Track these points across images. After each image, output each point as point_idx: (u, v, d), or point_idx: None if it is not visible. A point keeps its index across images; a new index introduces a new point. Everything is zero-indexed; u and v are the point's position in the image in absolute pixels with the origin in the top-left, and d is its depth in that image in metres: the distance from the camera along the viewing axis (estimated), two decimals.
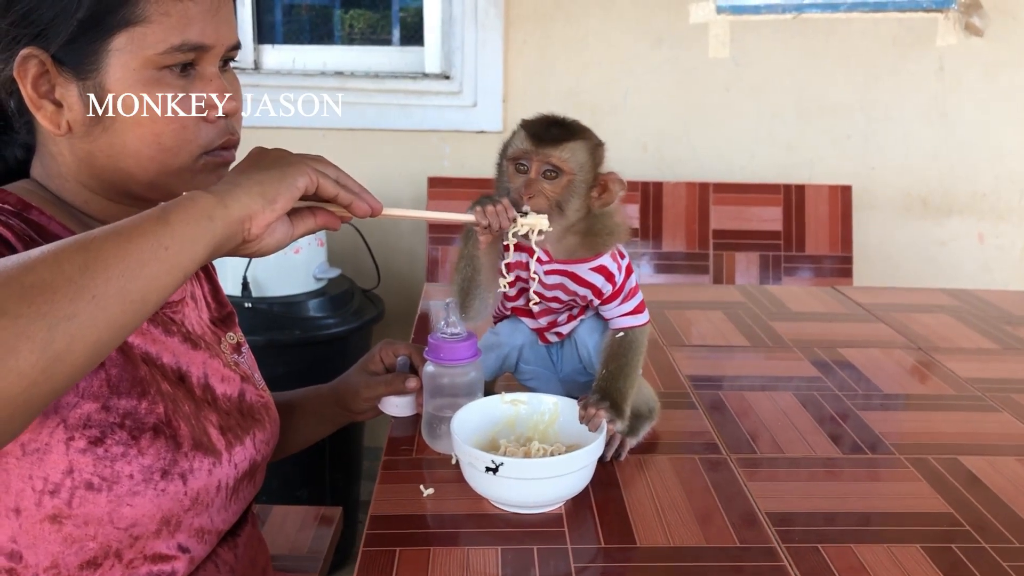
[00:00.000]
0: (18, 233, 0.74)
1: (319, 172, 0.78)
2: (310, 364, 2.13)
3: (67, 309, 0.58)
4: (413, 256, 2.51)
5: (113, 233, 0.64)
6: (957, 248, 2.54)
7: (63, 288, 0.59)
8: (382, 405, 1.11)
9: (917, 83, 2.44)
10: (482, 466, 0.87)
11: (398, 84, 2.43)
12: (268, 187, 0.73)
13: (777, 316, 1.61)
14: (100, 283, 0.60)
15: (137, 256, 0.63)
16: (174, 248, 0.66)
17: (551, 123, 1.00)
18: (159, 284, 0.65)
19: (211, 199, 0.70)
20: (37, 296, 0.57)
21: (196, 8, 0.79)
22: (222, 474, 0.86)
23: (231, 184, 0.72)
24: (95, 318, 0.60)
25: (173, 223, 0.66)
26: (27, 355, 0.56)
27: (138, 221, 0.66)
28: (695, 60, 2.42)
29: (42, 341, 0.57)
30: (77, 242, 0.62)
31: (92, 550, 0.77)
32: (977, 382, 1.31)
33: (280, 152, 0.78)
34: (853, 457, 1.07)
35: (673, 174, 2.46)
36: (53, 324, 0.57)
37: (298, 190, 0.75)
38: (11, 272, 0.58)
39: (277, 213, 0.74)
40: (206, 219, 0.69)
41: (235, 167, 0.77)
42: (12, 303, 0.56)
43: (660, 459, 1.05)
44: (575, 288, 1.02)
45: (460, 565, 0.83)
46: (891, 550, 0.87)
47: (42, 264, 0.59)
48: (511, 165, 1.00)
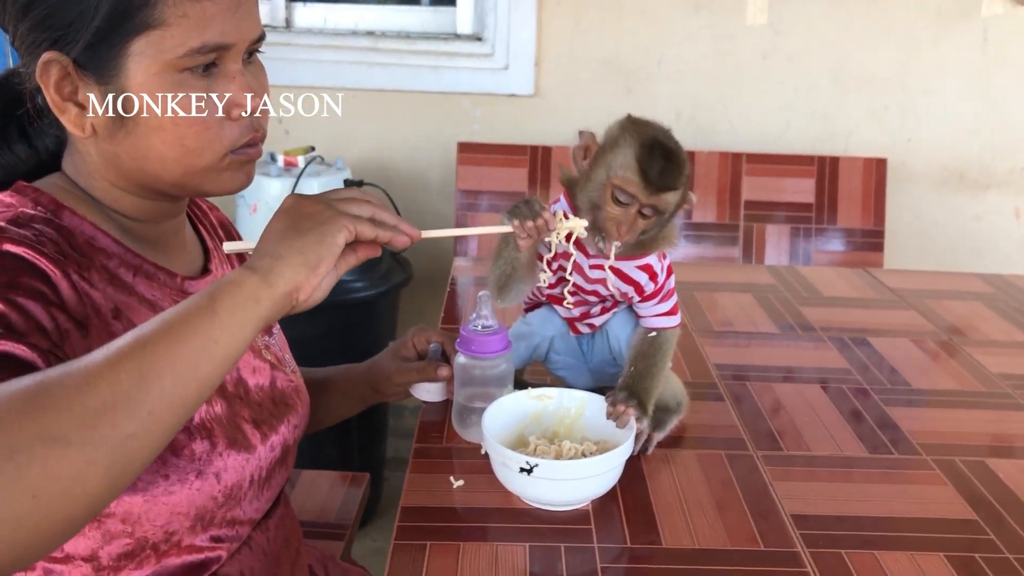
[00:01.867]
0: (52, 256, 0.73)
1: (355, 219, 0.76)
2: (340, 328, 2.16)
3: (128, 429, 0.59)
4: (441, 218, 2.51)
5: (164, 334, 0.63)
6: (992, 224, 2.51)
7: (123, 407, 0.59)
8: (413, 390, 1.13)
9: (960, 54, 2.38)
10: (516, 467, 0.89)
11: (429, 45, 2.41)
12: (310, 255, 0.72)
13: (807, 301, 1.61)
14: (155, 398, 0.61)
15: (189, 358, 0.63)
16: (224, 340, 0.66)
17: (663, 156, 0.96)
18: (211, 382, 0.66)
19: (255, 280, 0.69)
20: (99, 420, 0.58)
21: (215, 8, 0.77)
22: (255, 466, 0.88)
23: (273, 258, 0.71)
24: (152, 432, 0.61)
25: (221, 314, 0.66)
26: (93, 480, 0.58)
27: (187, 315, 0.65)
28: (732, 27, 2.38)
29: (106, 465, 0.58)
30: (132, 349, 0.62)
31: (129, 544, 0.79)
32: (1007, 378, 1.30)
33: (314, 205, 0.76)
34: (879, 457, 1.07)
35: (707, 142, 2.43)
36: (116, 447, 0.59)
37: (339, 248, 0.74)
38: (71, 395, 0.58)
39: (321, 277, 0.73)
40: (253, 303, 0.68)
41: (271, 228, 0.75)
42: (78, 432, 0.57)
43: (686, 454, 1.06)
44: (618, 284, 1.03)
45: (489, 560, 0.86)
46: (914, 558, 0.88)
47: (102, 381, 0.59)
48: (612, 190, 0.97)
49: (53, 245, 0.75)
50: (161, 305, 0.83)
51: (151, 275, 0.84)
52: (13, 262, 0.70)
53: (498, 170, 2.31)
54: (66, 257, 0.75)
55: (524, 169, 2.31)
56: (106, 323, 0.77)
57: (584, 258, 1.03)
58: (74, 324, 0.73)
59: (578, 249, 1.00)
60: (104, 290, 0.78)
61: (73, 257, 0.76)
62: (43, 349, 0.67)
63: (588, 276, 1.04)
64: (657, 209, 0.97)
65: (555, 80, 2.42)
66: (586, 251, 1.02)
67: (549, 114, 2.43)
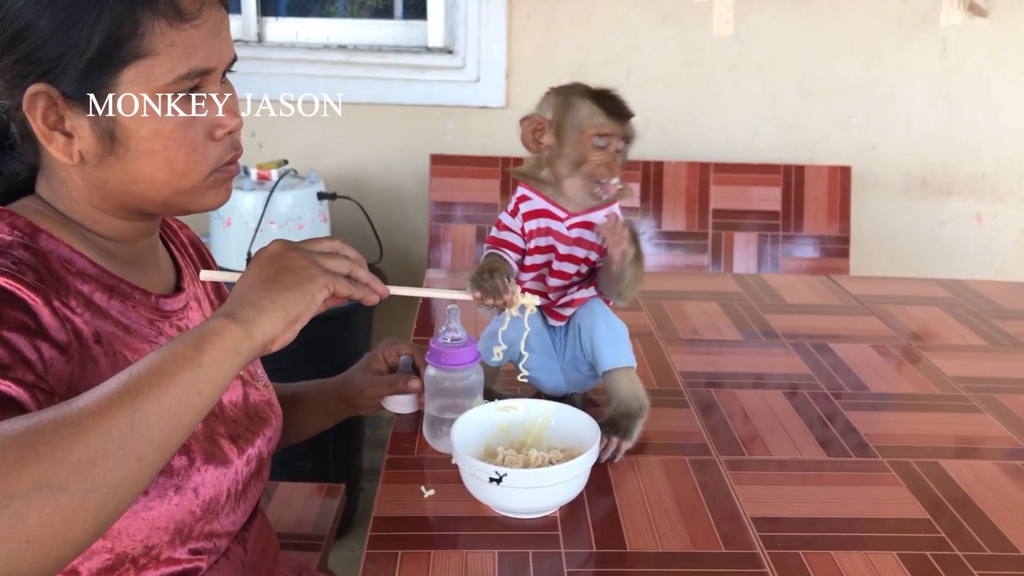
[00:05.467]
0: (32, 284, 0.75)
1: (334, 278, 0.81)
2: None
3: (116, 476, 0.62)
4: (415, 231, 2.54)
5: (154, 385, 0.66)
6: (956, 228, 2.56)
7: (113, 456, 0.62)
8: (385, 402, 1.16)
9: (921, 63, 2.44)
10: (486, 477, 0.91)
11: (401, 59, 2.44)
12: (291, 310, 0.76)
13: (772, 308, 1.65)
14: (144, 444, 0.64)
15: (175, 408, 0.67)
16: (206, 390, 0.69)
17: (612, 96, 1.11)
18: (190, 428, 0.69)
19: (239, 332, 0.72)
20: (90, 470, 0.61)
21: (199, 34, 0.80)
22: (232, 479, 0.90)
23: (257, 310, 0.74)
24: (138, 476, 0.64)
25: (205, 364, 0.69)
26: (82, 524, 0.61)
27: (173, 365, 0.68)
28: (699, 38, 2.42)
29: (95, 510, 0.61)
30: (122, 398, 0.64)
31: (109, 559, 0.81)
32: (963, 381, 1.34)
33: (299, 259, 0.80)
34: (838, 460, 1.11)
35: (676, 152, 2.48)
36: (105, 494, 0.62)
37: (317, 306, 0.79)
38: (66, 444, 0.60)
39: (296, 332, 0.77)
40: (234, 354, 0.72)
41: (255, 276, 0.78)
42: (70, 480, 0.60)
43: (652, 460, 1.09)
44: (591, 238, 1.13)
45: (459, 568, 0.88)
46: (868, 557, 0.91)
47: (93, 432, 0.61)
48: (589, 140, 1.09)
49: (32, 272, 0.76)
50: (136, 329, 0.85)
51: (126, 294, 0.86)
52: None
53: (471, 181, 2.34)
54: (45, 283, 0.77)
55: (496, 180, 2.34)
56: (87, 348, 0.78)
57: (560, 223, 1.13)
58: (57, 350, 0.74)
59: (556, 207, 1.13)
60: (83, 315, 0.80)
61: (51, 283, 0.78)
62: (28, 383, 0.70)
63: (567, 237, 1.13)
64: (628, 138, 1.11)
65: (526, 91, 2.45)
66: (563, 211, 1.13)
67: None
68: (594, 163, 1.09)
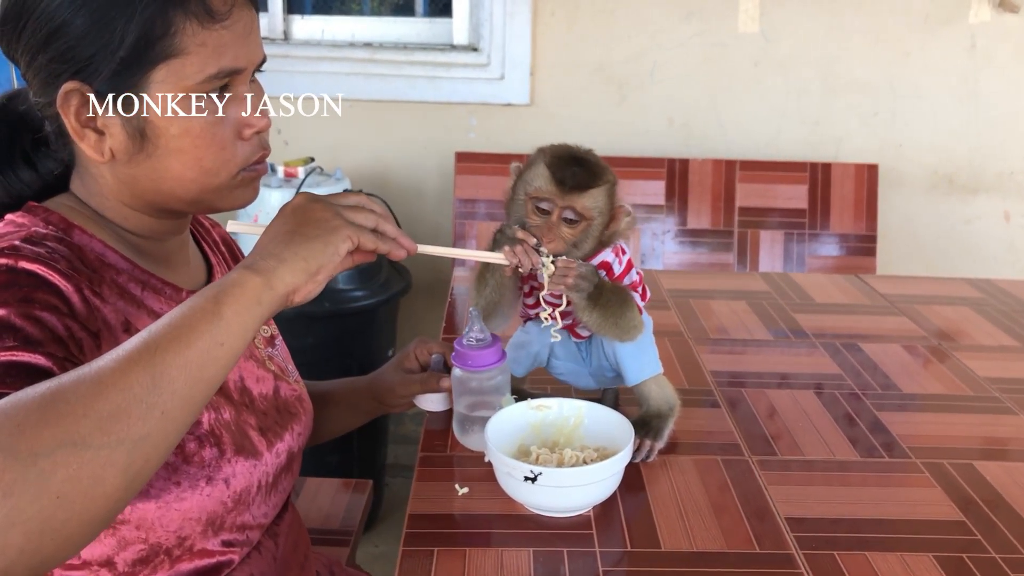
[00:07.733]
0: (65, 272, 0.76)
1: (359, 230, 0.80)
2: (339, 336, 2.19)
3: (141, 430, 0.62)
4: (439, 228, 2.54)
5: (174, 339, 0.66)
6: (982, 227, 2.54)
7: (135, 410, 0.62)
8: (417, 400, 1.16)
9: (948, 60, 2.42)
10: (521, 476, 0.92)
11: (426, 56, 2.44)
12: (312, 261, 0.75)
13: (800, 308, 1.64)
14: (167, 398, 0.64)
15: (197, 362, 0.66)
16: (228, 343, 0.69)
17: (573, 163, 1.03)
18: (216, 381, 0.69)
19: (259, 282, 0.72)
20: (114, 424, 0.61)
21: (230, 34, 0.81)
22: (262, 472, 0.91)
23: (277, 260, 0.74)
24: (166, 431, 0.64)
25: (226, 316, 0.69)
26: (112, 480, 0.61)
27: (193, 319, 0.68)
28: (724, 34, 2.41)
29: (123, 465, 0.61)
30: (142, 354, 0.64)
31: (144, 550, 0.82)
32: (995, 382, 1.34)
33: (323, 211, 0.79)
34: (870, 461, 1.11)
35: (699, 148, 2.47)
36: (131, 448, 0.62)
37: (340, 257, 0.78)
38: (87, 400, 0.61)
39: (319, 284, 0.76)
40: (255, 305, 0.71)
41: (277, 227, 0.78)
42: (94, 435, 0.60)
43: (684, 459, 1.10)
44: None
45: (495, 566, 0.89)
46: (904, 558, 0.91)
47: (113, 388, 0.62)
48: (530, 202, 1.04)
49: (65, 262, 0.78)
50: None
51: (158, 289, 0.87)
52: (28, 279, 0.73)
53: (495, 179, 2.34)
54: (78, 273, 0.78)
55: None
56: (116, 336, 0.80)
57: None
58: (87, 333, 0.76)
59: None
60: (115, 304, 0.81)
61: (85, 272, 0.79)
62: (59, 357, 0.71)
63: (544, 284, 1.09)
64: (577, 212, 1.03)
65: (550, 89, 2.45)
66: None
67: (545, 122, 2.46)
68: (531, 226, 1.04)
